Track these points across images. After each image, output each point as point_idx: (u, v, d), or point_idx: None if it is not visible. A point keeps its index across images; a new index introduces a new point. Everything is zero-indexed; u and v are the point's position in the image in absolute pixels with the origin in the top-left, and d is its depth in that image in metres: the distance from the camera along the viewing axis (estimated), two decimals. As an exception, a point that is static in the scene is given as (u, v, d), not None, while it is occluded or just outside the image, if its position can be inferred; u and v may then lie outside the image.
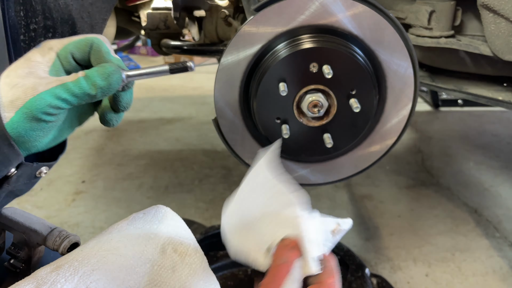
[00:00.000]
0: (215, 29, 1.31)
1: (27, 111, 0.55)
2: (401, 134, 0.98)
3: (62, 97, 0.56)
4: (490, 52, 1.25)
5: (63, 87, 0.56)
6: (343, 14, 0.86)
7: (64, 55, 0.60)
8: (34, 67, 0.58)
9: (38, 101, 0.55)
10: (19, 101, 0.55)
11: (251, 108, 0.91)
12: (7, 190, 0.62)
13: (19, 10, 0.98)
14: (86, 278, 0.58)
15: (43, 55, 0.59)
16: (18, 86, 0.56)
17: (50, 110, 0.56)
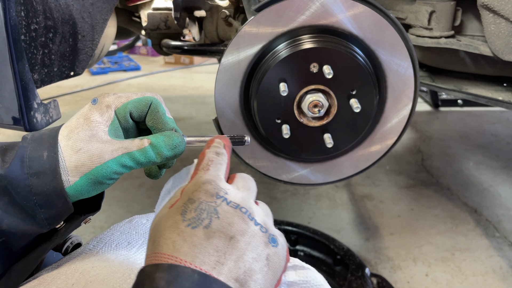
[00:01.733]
0: (216, 29, 1.31)
1: (92, 177, 0.56)
2: (401, 134, 0.98)
3: (127, 165, 0.57)
4: (490, 52, 1.25)
5: (129, 156, 0.57)
6: (343, 14, 0.87)
7: (122, 114, 0.60)
8: (95, 128, 0.57)
9: (105, 169, 0.56)
10: (84, 168, 0.56)
11: (252, 108, 0.91)
12: (56, 243, 0.62)
13: (20, 10, 0.98)
14: (87, 274, 0.59)
15: (102, 113, 0.59)
16: (82, 152, 0.56)
17: (114, 176, 0.57)
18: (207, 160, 0.53)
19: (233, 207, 0.46)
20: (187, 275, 0.41)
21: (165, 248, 0.43)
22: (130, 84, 4.07)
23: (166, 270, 0.41)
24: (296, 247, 1.70)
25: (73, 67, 1.17)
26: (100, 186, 0.58)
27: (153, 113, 0.61)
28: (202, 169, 0.51)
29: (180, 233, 0.43)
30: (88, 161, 0.56)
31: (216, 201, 0.46)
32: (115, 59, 4.70)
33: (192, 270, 0.42)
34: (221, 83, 0.91)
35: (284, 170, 1.00)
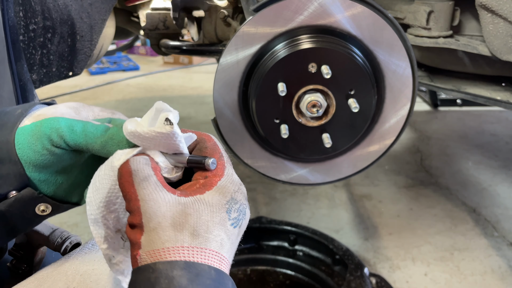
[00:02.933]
0: (214, 29, 1.31)
1: (38, 125, 0.53)
2: (399, 134, 0.98)
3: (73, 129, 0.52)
4: (488, 52, 1.25)
5: (82, 123, 0.53)
6: (341, 14, 0.87)
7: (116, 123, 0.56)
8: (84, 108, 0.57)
9: (53, 121, 0.52)
10: (42, 117, 0.54)
11: (250, 108, 0.91)
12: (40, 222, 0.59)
13: (19, 11, 0.98)
14: (87, 277, 0.59)
15: (103, 111, 0.58)
16: (55, 108, 0.55)
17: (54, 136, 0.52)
18: (224, 152, 0.53)
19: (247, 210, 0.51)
20: (205, 272, 0.41)
21: (214, 245, 0.44)
22: (129, 84, 4.07)
23: (184, 268, 0.40)
24: (295, 247, 1.70)
25: (71, 67, 1.17)
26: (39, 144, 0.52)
27: None
28: (228, 163, 0.52)
29: (227, 231, 0.46)
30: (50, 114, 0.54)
31: (247, 204, 0.50)
32: (114, 59, 4.69)
33: (208, 267, 0.42)
34: (219, 83, 0.91)
35: (283, 170, 1.00)
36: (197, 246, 0.42)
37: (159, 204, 0.44)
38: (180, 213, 0.44)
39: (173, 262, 0.41)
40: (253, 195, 2.19)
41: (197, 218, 0.44)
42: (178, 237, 0.43)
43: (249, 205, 0.51)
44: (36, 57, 1.06)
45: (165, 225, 0.43)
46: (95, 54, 1.36)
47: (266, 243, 1.72)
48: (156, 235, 0.43)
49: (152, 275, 0.40)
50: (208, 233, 0.44)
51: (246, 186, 1.32)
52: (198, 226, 0.44)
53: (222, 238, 0.44)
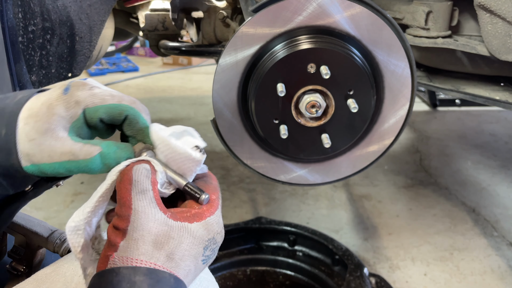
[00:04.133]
0: (213, 30, 1.31)
1: (41, 170, 0.54)
2: (398, 134, 0.98)
3: (73, 171, 0.54)
4: (487, 52, 1.25)
5: (75, 164, 0.54)
6: (340, 15, 0.87)
7: (91, 116, 0.56)
8: (54, 122, 0.54)
9: (52, 168, 0.54)
10: (34, 158, 0.54)
11: (250, 108, 0.91)
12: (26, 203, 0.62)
13: (18, 12, 0.98)
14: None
15: (68, 108, 0.55)
16: (35, 143, 0.54)
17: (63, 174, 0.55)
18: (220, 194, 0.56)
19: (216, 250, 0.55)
20: (166, 279, 0.45)
21: (182, 273, 0.47)
22: (128, 85, 4.07)
23: (146, 274, 0.43)
24: (295, 247, 1.70)
25: (71, 69, 1.17)
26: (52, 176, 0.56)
27: (132, 124, 0.57)
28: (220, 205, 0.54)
29: (197, 265, 0.50)
30: (38, 154, 0.54)
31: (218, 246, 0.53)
32: (113, 60, 4.69)
33: (169, 274, 0.45)
34: (218, 84, 0.91)
35: (282, 170, 1.00)
36: (168, 268, 0.46)
37: (148, 219, 0.47)
38: (164, 233, 0.47)
39: (136, 268, 0.44)
40: (253, 196, 2.19)
41: (178, 244, 0.48)
42: (154, 254, 0.46)
43: None
44: (35, 58, 1.06)
45: (147, 239, 0.47)
46: (94, 55, 1.36)
47: (265, 244, 1.73)
48: (136, 245, 0.46)
49: (115, 278, 0.43)
50: (181, 261, 0.47)
51: (246, 187, 1.32)
52: (176, 251, 0.47)
53: (190, 269, 0.48)
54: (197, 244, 0.49)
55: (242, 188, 2.25)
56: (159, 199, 0.50)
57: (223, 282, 1.60)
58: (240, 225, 1.73)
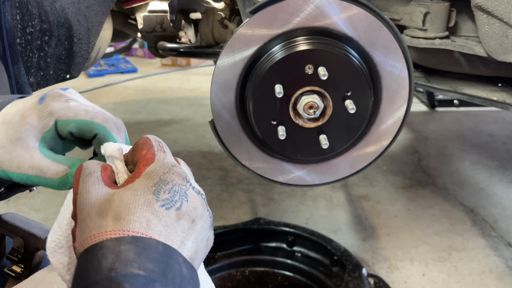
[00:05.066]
0: (211, 31, 1.31)
1: (8, 176, 0.55)
2: (396, 135, 0.98)
3: (40, 184, 0.55)
4: (484, 52, 1.26)
5: (42, 180, 0.54)
6: (338, 16, 0.87)
7: (61, 128, 0.56)
8: (26, 132, 0.54)
9: (19, 178, 0.54)
10: (4, 166, 0.54)
11: (248, 109, 0.92)
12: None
13: (16, 14, 0.99)
14: None
15: (41, 118, 0.55)
16: (5, 150, 0.54)
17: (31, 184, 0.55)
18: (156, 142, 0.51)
19: (196, 192, 0.48)
20: (153, 246, 0.42)
21: (138, 226, 0.43)
22: (127, 86, 4.07)
23: (131, 242, 0.41)
24: (294, 248, 1.71)
25: (69, 70, 1.17)
26: None
27: (101, 143, 0.56)
28: (159, 150, 0.50)
29: (155, 212, 0.44)
30: (7, 162, 0.54)
31: (186, 185, 0.48)
32: (111, 61, 4.69)
33: (156, 241, 0.43)
34: (216, 85, 0.91)
35: (281, 171, 1.01)
36: (119, 228, 0.42)
37: (91, 196, 0.46)
38: (106, 201, 0.45)
39: (120, 238, 0.42)
40: (251, 196, 2.19)
41: (120, 203, 0.44)
42: (102, 223, 0.43)
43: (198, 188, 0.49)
44: (33, 60, 1.06)
45: (92, 214, 0.44)
46: (93, 56, 1.36)
47: (264, 245, 1.73)
48: (85, 224, 0.44)
49: (99, 252, 0.41)
50: (130, 215, 0.43)
51: (244, 188, 1.32)
52: (120, 210, 0.44)
53: (148, 220, 0.44)
54: (141, 194, 0.45)
55: (240, 189, 2.25)
56: (107, 179, 0.48)
57: (222, 283, 1.60)
58: (239, 226, 1.73)
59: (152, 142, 0.51)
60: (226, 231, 1.69)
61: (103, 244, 0.41)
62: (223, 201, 2.14)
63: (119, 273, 0.39)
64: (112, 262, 0.40)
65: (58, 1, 1.08)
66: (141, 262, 0.40)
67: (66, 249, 0.47)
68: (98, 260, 0.40)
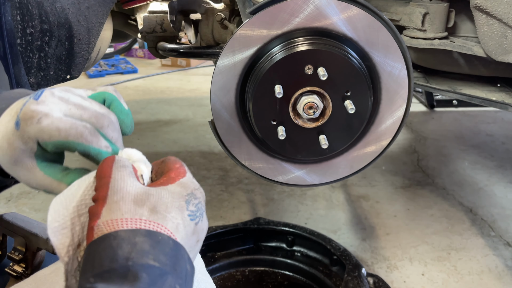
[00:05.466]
0: (211, 32, 1.32)
1: None
2: (395, 135, 0.99)
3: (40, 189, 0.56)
4: (483, 53, 1.26)
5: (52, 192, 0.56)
6: (337, 16, 0.87)
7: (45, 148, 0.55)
8: (19, 155, 0.54)
9: None
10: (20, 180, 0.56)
11: (247, 110, 0.92)
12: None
13: (16, 14, 0.99)
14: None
15: (25, 143, 0.54)
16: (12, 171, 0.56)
17: None
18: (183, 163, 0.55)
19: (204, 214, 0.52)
20: (165, 241, 0.44)
21: (170, 225, 0.46)
22: (127, 87, 4.07)
23: (146, 235, 0.43)
24: (293, 248, 1.71)
25: (69, 71, 1.17)
26: None
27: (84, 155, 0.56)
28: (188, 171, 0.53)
29: (184, 219, 0.47)
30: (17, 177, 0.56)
31: (204, 206, 0.51)
32: (112, 61, 4.69)
33: (168, 237, 0.45)
34: (216, 86, 0.92)
35: (280, 171, 1.01)
36: (155, 221, 0.45)
37: (127, 184, 0.48)
38: (143, 192, 0.47)
39: (135, 230, 0.43)
40: (251, 196, 2.19)
41: (158, 198, 0.47)
42: (137, 210, 0.45)
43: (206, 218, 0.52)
44: (33, 60, 1.06)
45: (127, 199, 0.46)
46: (93, 57, 1.36)
47: (264, 244, 1.73)
48: (117, 206, 0.45)
49: (114, 242, 0.42)
50: (166, 212, 0.46)
51: (244, 188, 1.33)
52: (158, 205, 0.46)
53: (178, 223, 0.46)
54: (177, 198, 0.48)
55: (240, 189, 2.25)
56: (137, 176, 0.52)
57: (222, 283, 1.60)
58: (239, 225, 1.73)
59: (181, 163, 0.55)
60: (226, 231, 1.69)
61: (117, 234, 0.42)
62: (223, 201, 2.15)
63: (136, 262, 0.41)
64: (129, 252, 0.41)
65: (59, 2, 1.08)
66: (155, 254, 0.42)
67: (69, 231, 0.47)
68: (113, 249, 0.41)
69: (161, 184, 0.50)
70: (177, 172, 0.52)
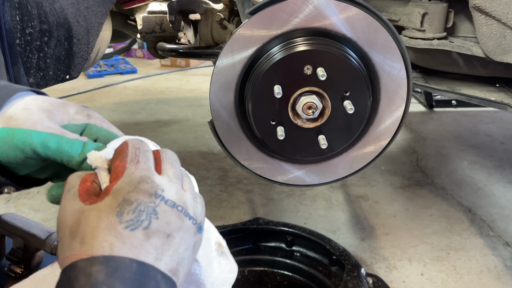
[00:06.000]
0: (211, 32, 1.32)
1: (10, 134, 0.52)
2: (395, 135, 0.99)
3: (49, 146, 0.52)
4: (482, 53, 1.26)
5: (56, 138, 0.53)
6: (336, 17, 0.88)
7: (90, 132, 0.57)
8: (59, 110, 0.55)
9: (25, 135, 0.52)
10: (14, 122, 0.52)
11: (247, 110, 0.92)
12: None
13: (15, 15, 0.99)
14: None
15: (78, 113, 0.56)
16: (28, 112, 0.53)
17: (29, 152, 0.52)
18: (133, 149, 0.49)
19: (170, 206, 0.46)
20: (125, 265, 0.41)
21: (101, 251, 0.42)
22: (127, 87, 4.07)
23: (102, 263, 0.41)
24: (293, 248, 1.71)
25: (68, 71, 1.17)
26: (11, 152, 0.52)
27: None
28: (131, 161, 0.48)
29: (118, 235, 0.43)
30: (22, 120, 0.52)
31: (155, 201, 0.46)
32: (111, 62, 4.69)
33: (130, 259, 0.42)
34: (216, 86, 0.92)
35: (280, 171, 1.01)
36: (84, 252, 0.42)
37: (66, 214, 0.46)
38: (75, 221, 0.45)
39: (92, 258, 0.42)
40: (251, 196, 2.19)
41: (86, 225, 0.44)
42: (72, 245, 0.44)
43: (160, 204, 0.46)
44: (33, 60, 1.06)
45: (66, 234, 0.45)
46: (92, 57, 1.36)
47: (263, 244, 1.73)
48: (61, 243, 0.45)
49: (73, 274, 0.41)
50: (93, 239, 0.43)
51: (243, 188, 1.32)
52: (85, 233, 0.44)
53: (111, 243, 0.42)
54: (104, 216, 0.44)
55: (240, 189, 2.25)
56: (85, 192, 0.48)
57: (221, 283, 1.60)
58: (238, 226, 1.73)
59: (129, 150, 0.49)
60: (225, 231, 1.69)
61: (76, 265, 0.42)
62: (222, 201, 2.15)
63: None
64: (83, 285, 0.40)
65: (58, 2, 1.09)
66: (111, 283, 0.40)
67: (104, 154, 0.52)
68: (71, 282, 0.41)
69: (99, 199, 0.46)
70: (115, 174, 0.48)
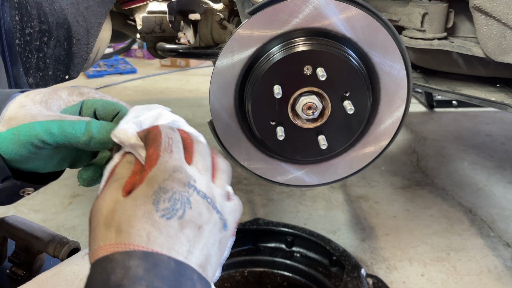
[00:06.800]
0: (210, 32, 1.32)
1: (16, 133, 0.53)
2: (395, 135, 0.99)
3: (53, 132, 0.54)
4: (482, 53, 1.26)
5: (57, 123, 0.54)
6: (336, 17, 0.87)
7: (87, 106, 0.59)
8: (52, 98, 0.57)
9: (29, 129, 0.53)
10: (15, 121, 0.54)
11: (246, 110, 0.92)
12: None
13: (15, 15, 0.99)
14: None
15: (70, 94, 0.59)
16: (25, 109, 0.54)
17: (36, 142, 0.53)
18: (166, 138, 0.49)
19: (202, 197, 0.46)
20: (164, 263, 0.41)
21: (138, 240, 0.42)
22: (126, 87, 4.07)
23: (141, 258, 0.40)
24: (293, 248, 1.71)
25: (68, 71, 1.17)
26: (23, 149, 0.54)
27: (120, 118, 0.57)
28: (165, 150, 0.48)
29: (155, 224, 0.43)
30: (21, 117, 0.54)
31: (189, 191, 0.46)
32: (111, 62, 4.69)
33: (168, 257, 0.42)
34: (215, 86, 0.91)
35: (279, 172, 1.01)
36: (121, 242, 0.42)
37: (104, 203, 0.46)
38: (110, 211, 0.45)
39: (131, 252, 0.41)
40: (250, 197, 2.19)
41: (121, 214, 0.43)
42: (107, 235, 0.43)
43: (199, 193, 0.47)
44: (32, 60, 1.06)
45: (100, 224, 0.44)
46: (92, 57, 1.36)
47: (263, 245, 1.73)
48: (95, 233, 0.44)
49: (108, 265, 0.40)
50: (130, 228, 0.42)
51: (243, 188, 1.31)
52: (122, 222, 0.43)
53: (148, 232, 0.42)
54: (140, 205, 0.43)
55: (239, 189, 2.25)
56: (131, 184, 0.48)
57: (221, 284, 1.60)
58: (238, 226, 1.73)
59: (162, 139, 0.49)
60: (225, 231, 1.69)
61: (113, 257, 0.41)
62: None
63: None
64: (121, 278, 0.39)
65: (57, 2, 1.08)
66: (149, 279, 0.39)
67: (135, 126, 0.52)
68: (107, 274, 0.40)
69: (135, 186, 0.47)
70: (149, 162, 0.47)
